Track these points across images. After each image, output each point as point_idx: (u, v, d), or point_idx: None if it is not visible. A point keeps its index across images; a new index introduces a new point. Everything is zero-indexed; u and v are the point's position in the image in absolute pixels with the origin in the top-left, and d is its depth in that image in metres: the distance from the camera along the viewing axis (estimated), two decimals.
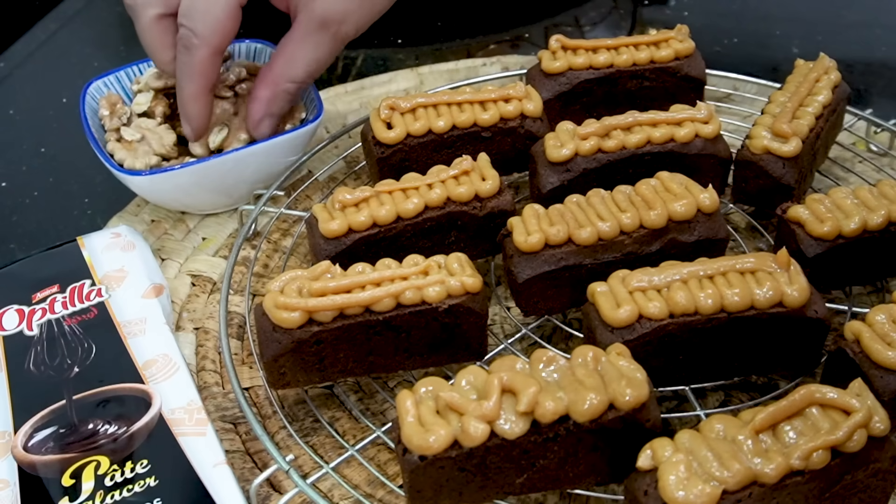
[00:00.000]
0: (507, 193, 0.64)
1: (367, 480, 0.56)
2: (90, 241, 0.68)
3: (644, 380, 0.47)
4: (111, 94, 0.77)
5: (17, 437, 0.53)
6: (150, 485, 0.51)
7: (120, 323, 0.61)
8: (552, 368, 0.48)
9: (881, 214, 0.58)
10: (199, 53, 0.65)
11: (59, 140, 0.89)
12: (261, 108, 0.70)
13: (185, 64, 0.66)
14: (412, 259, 0.57)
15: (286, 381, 0.56)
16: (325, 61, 0.70)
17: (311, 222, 0.64)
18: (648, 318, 0.52)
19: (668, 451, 0.44)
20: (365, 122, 0.72)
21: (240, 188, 0.74)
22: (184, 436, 0.53)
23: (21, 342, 0.60)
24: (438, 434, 0.45)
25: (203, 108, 0.69)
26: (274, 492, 0.55)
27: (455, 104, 0.69)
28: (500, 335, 0.64)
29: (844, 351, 0.52)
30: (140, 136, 0.73)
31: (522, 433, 0.45)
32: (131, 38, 0.71)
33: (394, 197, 0.63)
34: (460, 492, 0.48)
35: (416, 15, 1.08)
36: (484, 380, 0.47)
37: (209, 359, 0.64)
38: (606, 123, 0.66)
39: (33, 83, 0.99)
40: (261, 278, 0.70)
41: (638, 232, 0.59)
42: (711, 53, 0.79)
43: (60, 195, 0.82)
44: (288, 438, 0.58)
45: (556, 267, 0.58)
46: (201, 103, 0.69)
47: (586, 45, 0.75)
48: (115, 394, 0.56)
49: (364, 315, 0.54)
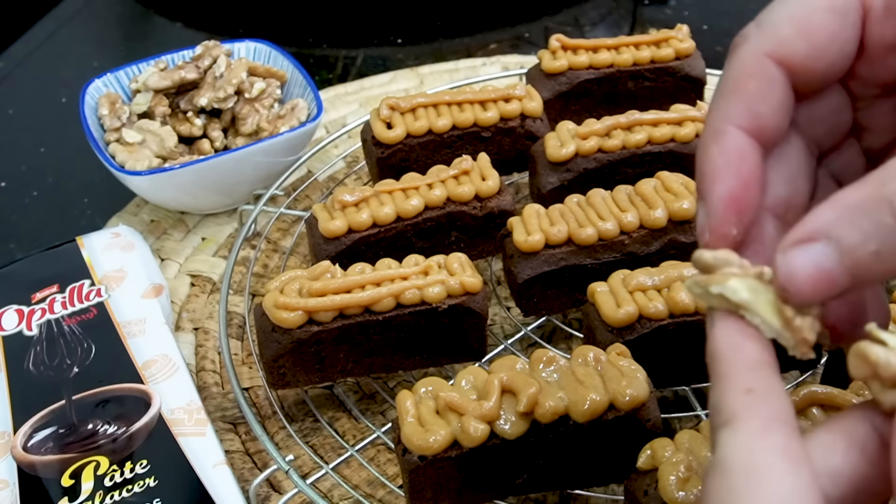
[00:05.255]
0: (507, 193, 0.64)
1: (366, 481, 0.56)
2: (90, 241, 0.68)
3: (644, 380, 0.47)
4: (110, 92, 0.77)
5: (17, 437, 0.53)
6: (149, 485, 0.51)
7: (119, 323, 0.61)
8: (552, 368, 0.48)
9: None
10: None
11: (59, 140, 0.89)
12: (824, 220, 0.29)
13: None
14: (412, 259, 0.56)
15: (286, 381, 0.56)
16: None
17: (310, 222, 0.64)
18: (648, 318, 0.52)
19: (668, 451, 0.44)
20: (365, 122, 0.72)
21: (240, 188, 0.74)
22: (183, 436, 0.53)
23: (20, 342, 0.60)
24: (438, 434, 0.45)
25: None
26: (274, 492, 0.55)
27: (455, 104, 0.69)
28: (500, 335, 0.64)
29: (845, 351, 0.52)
30: (141, 139, 0.73)
31: (522, 433, 0.45)
32: (131, 38, 0.71)
33: (394, 197, 0.62)
34: (460, 492, 0.48)
35: (416, 15, 1.08)
36: (484, 380, 0.47)
37: (209, 359, 0.64)
38: (607, 123, 0.66)
39: (33, 83, 0.99)
40: (260, 278, 0.70)
41: (638, 232, 0.59)
42: (711, 53, 0.79)
43: (60, 195, 0.82)
44: (288, 439, 0.58)
45: (556, 267, 0.58)
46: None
47: (586, 45, 0.75)
48: (115, 394, 0.56)
49: (364, 315, 0.54)
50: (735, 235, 0.30)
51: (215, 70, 0.77)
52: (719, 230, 0.30)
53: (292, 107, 0.77)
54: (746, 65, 0.31)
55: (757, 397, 0.27)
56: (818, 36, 0.31)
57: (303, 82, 0.78)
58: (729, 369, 0.28)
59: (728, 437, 0.27)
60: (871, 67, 0.32)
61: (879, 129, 0.34)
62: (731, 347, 0.29)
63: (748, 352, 0.29)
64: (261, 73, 0.79)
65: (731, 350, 0.29)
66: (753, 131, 0.31)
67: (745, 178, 0.30)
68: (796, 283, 0.27)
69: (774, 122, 0.31)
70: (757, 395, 0.27)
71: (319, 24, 1.07)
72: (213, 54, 0.78)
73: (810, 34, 0.31)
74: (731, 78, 0.31)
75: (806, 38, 0.31)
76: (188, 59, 0.79)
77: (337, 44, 1.03)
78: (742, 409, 0.27)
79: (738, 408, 0.27)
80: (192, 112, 0.77)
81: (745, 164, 0.30)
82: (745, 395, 0.27)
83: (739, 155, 0.30)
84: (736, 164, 0.30)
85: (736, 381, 0.28)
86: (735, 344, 0.29)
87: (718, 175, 0.30)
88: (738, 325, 0.29)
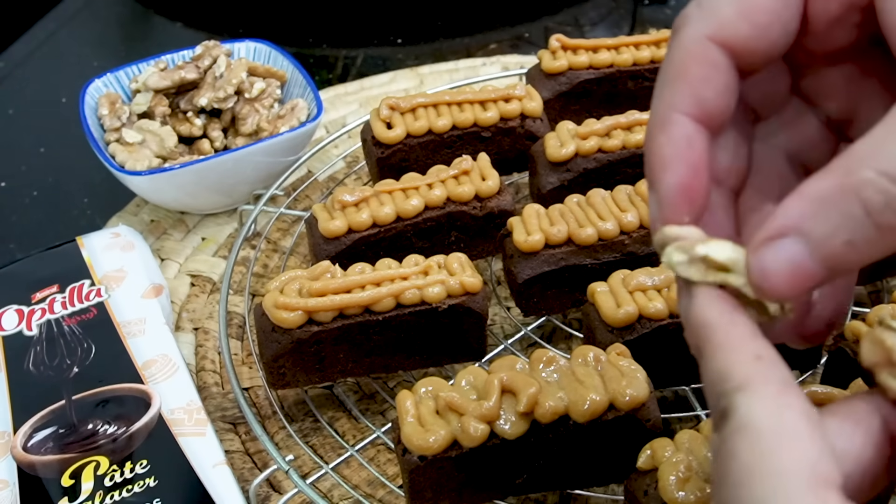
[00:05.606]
0: (507, 193, 0.64)
1: (366, 481, 0.56)
2: (90, 240, 0.68)
3: (644, 380, 0.47)
4: (110, 92, 0.77)
5: (17, 437, 0.53)
6: (149, 485, 0.51)
7: (119, 323, 0.61)
8: (552, 368, 0.48)
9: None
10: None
11: (59, 140, 0.89)
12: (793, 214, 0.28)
13: None
14: (412, 259, 0.56)
15: (286, 381, 0.56)
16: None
17: (310, 222, 0.64)
18: (648, 318, 0.52)
19: (668, 451, 0.43)
20: (365, 122, 0.72)
21: (240, 188, 0.74)
22: (183, 436, 0.53)
23: (20, 342, 0.60)
24: (438, 434, 0.45)
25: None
26: (273, 492, 0.55)
27: (455, 104, 0.69)
28: (500, 335, 0.64)
29: (844, 351, 0.52)
30: (141, 139, 0.73)
31: (522, 433, 0.45)
32: (131, 38, 0.71)
33: (394, 197, 0.62)
34: (460, 492, 0.48)
35: (416, 15, 1.08)
36: (484, 380, 0.47)
37: (209, 359, 0.64)
38: (607, 123, 0.66)
39: (33, 83, 0.99)
40: (260, 278, 0.70)
41: (638, 232, 0.59)
42: None
43: (60, 195, 0.82)
44: (288, 439, 0.58)
45: (556, 267, 0.58)
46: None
47: (586, 45, 0.75)
48: (115, 394, 0.56)
49: (364, 315, 0.54)
50: (687, 222, 0.30)
51: (215, 70, 0.77)
52: (672, 220, 0.30)
53: (292, 107, 0.77)
54: (689, 49, 0.31)
55: (767, 364, 0.27)
56: (760, 15, 0.30)
57: (303, 82, 0.78)
58: (730, 338, 0.28)
59: (748, 401, 0.26)
60: (815, 40, 0.32)
61: (831, 96, 0.33)
62: (726, 317, 0.28)
63: (744, 321, 0.28)
64: (261, 73, 0.79)
65: (726, 319, 0.28)
66: (700, 117, 0.30)
67: (694, 166, 0.30)
68: (771, 280, 0.27)
69: (720, 105, 0.31)
70: (766, 362, 0.27)
71: (319, 24, 1.07)
72: (213, 54, 0.78)
73: (752, 14, 0.30)
74: (674, 63, 0.31)
75: (748, 18, 0.30)
76: (188, 59, 0.79)
77: (337, 44, 1.03)
78: (756, 374, 0.26)
79: (751, 373, 0.27)
80: (192, 112, 0.77)
81: (693, 152, 0.30)
82: (755, 362, 0.27)
83: (687, 143, 0.30)
84: (684, 153, 0.30)
85: (742, 347, 0.27)
86: (729, 313, 0.28)
87: (667, 165, 0.30)
88: (724, 296, 0.29)
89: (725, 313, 0.28)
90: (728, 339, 0.28)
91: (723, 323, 0.28)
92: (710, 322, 0.28)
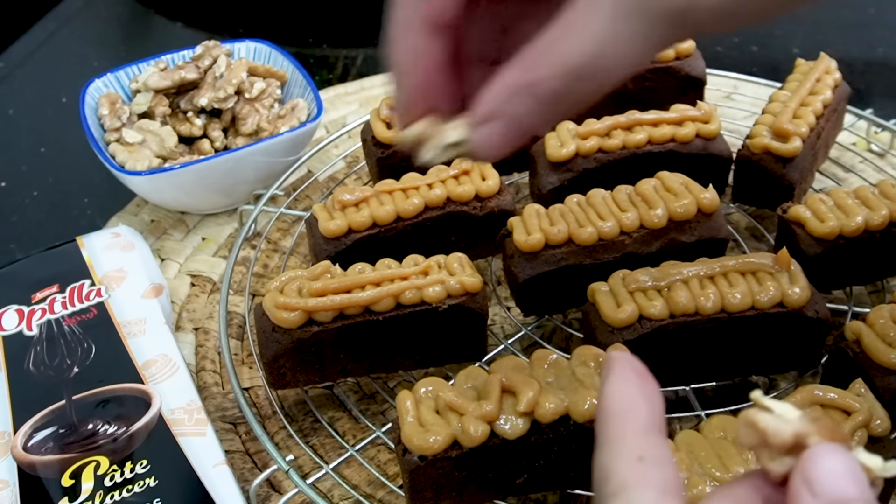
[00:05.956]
0: (507, 193, 0.64)
1: (367, 481, 0.56)
2: (90, 240, 0.68)
3: None
4: (110, 92, 0.77)
5: (17, 437, 0.53)
6: (149, 485, 0.51)
7: (119, 323, 0.61)
8: (552, 368, 0.48)
9: (882, 214, 0.58)
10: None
11: (59, 140, 0.89)
12: (495, 101, 0.36)
13: None
14: (412, 259, 0.56)
15: (286, 381, 0.56)
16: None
17: (310, 222, 0.64)
18: (648, 318, 0.52)
19: None
20: (365, 122, 0.72)
21: (240, 188, 0.74)
22: (183, 436, 0.53)
23: (21, 342, 0.60)
24: (438, 434, 0.45)
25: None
26: (274, 492, 0.55)
27: None
28: (500, 335, 0.64)
29: (845, 351, 0.52)
30: (141, 139, 0.73)
31: (522, 433, 0.45)
32: (131, 38, 0.71)
33: (394, 197, 0.62)
34: (460, 492, 0.48)
35: None
36: (484, 380, 0.47)
37: (209, 359, 0.64)
38: (607, 123, 0.66)
39: (33, 83, 0.99)
40: (260, 278, 0.70)
41: (638, 232, 0.59)
42: (711, 53, 0.79)
43: (60, 195, 0.82)
44: (288, 439, 0.58)
45: (556, 267, 0.58)
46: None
47: None
48: (115, 394, 0.56)
49: (364, 315, 0.54)
50: (426, 117, 0.37)
51: (215, 70, 0.77)
52: (411, 116, 0.38)
53: (292, 107, 0.77)
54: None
55: (648, 466, 0.27)
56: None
57: (303, 82, 0.78)
58: (620, 433, 0.28)
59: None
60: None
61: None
62: (625, 407, 0.28)
63: (642, 414, 0.28)
64: (261, 73, 0.79)
65: (624, 410, 0.28)
66: (434, 23, 0.36)
67: (428, 72, 0.37)
68: (486, 151, 0.37)
69: (449, 10, 0.36)
70: (648, 464, 0.27)
71: (319, 24, 1.07)
72: (213, 54, 0.78)
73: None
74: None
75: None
76: (188, 59, 0.79)
77: (337, 44, 1.03)
78: (633, 479, 0.27)
79: (630, 477, 0.27)
80: (193, 112, 0.77)
81: (427, 59, 0.37)
82: (636, 464, 0.27)
83: (422, 53, 0.37)
84: (420, 61, 0.37)
85: (627, 446, 0.27)
86: (630, 402, 0.29)
87: (405, 71, 0.37)
88: (635, 380, 0.29)
89: (627, 401, 0.29)
90: (617, 433, 0.28)
91: (619, 413, 0.29)
92: (610, 411, 0.29)
